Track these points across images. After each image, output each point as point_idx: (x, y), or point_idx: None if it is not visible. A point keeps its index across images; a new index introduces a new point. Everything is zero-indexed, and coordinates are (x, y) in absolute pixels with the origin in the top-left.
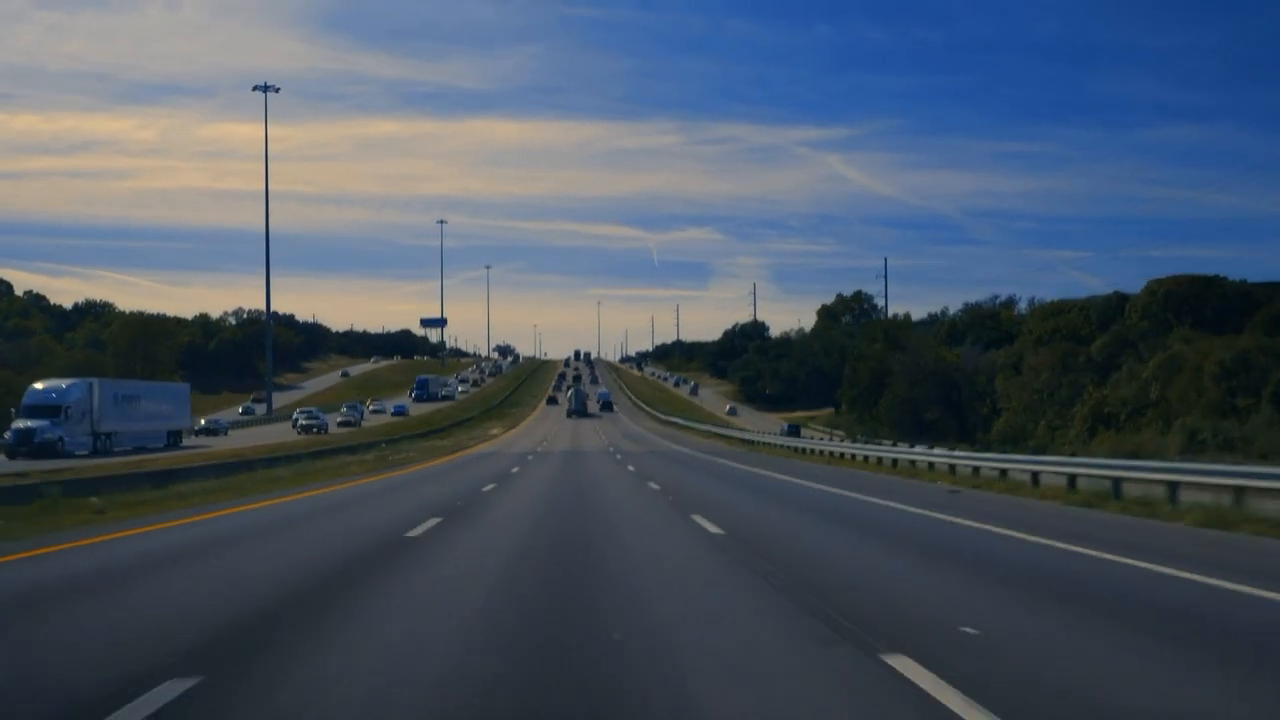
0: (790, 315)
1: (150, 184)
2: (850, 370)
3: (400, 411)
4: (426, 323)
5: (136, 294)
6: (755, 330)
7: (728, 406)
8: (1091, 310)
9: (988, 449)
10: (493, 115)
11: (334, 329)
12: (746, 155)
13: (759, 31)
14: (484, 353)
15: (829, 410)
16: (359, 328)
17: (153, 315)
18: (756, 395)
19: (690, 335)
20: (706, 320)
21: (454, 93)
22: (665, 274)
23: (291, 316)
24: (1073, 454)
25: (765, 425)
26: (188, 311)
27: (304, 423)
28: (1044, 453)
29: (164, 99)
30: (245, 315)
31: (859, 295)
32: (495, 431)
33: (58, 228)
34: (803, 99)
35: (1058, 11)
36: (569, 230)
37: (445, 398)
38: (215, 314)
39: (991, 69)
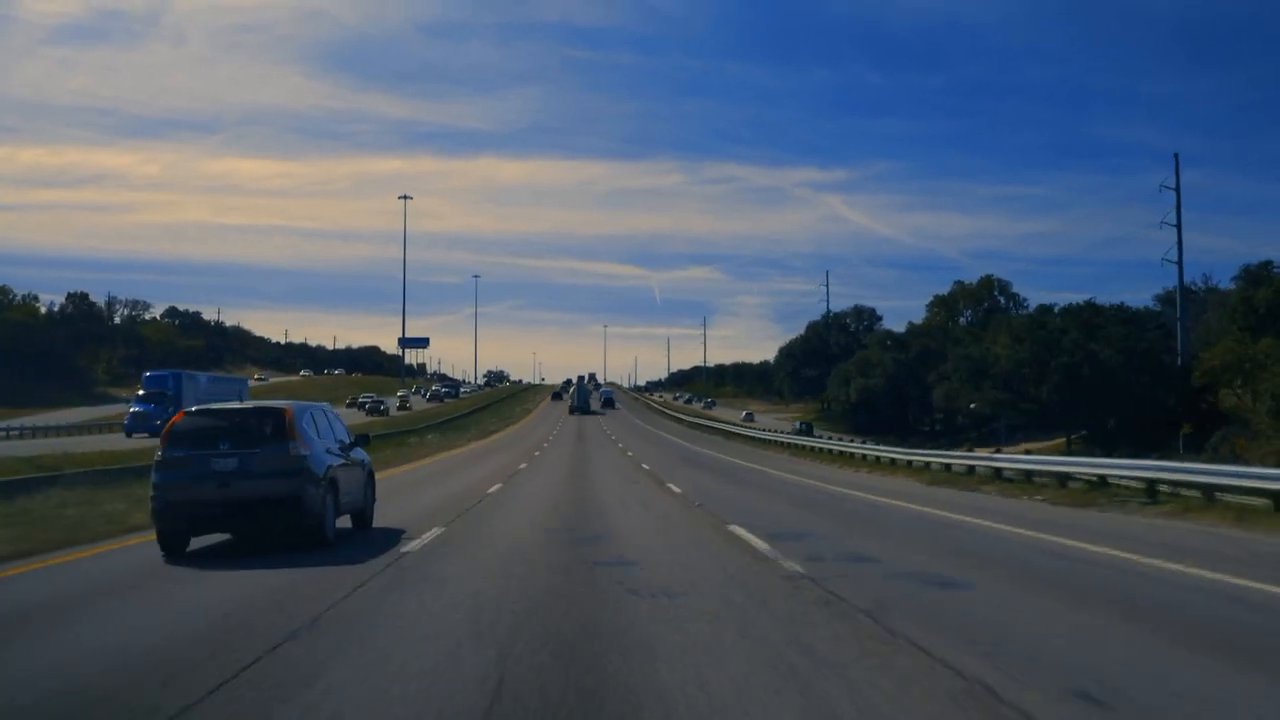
0: None
1: (154, 218)
2: None
3: None
4: (405, 342)
5: None
6: (861, 322)
7: (743, 414)
8: None
9: None
10: (496, 155)
11: (272, 339)
12: (748, 195)
13: (758, 75)
14: (473, 378)
15: (1055, 440)
16: (307, 341)
17: None
18: (898, 423)
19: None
20: (710, 352)
21: (457, 133)
22: (667, 312)
23: (198, 315)
24: None
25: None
26: None
27: None
28: None
29: (168, 134)
30: (78, 299)
31: (988, 281)
32: None
33: (62, 260)
34: (803, 141)
35: (1056, 57)
36: (571, 268)
37: None
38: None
39: (990, 114)
